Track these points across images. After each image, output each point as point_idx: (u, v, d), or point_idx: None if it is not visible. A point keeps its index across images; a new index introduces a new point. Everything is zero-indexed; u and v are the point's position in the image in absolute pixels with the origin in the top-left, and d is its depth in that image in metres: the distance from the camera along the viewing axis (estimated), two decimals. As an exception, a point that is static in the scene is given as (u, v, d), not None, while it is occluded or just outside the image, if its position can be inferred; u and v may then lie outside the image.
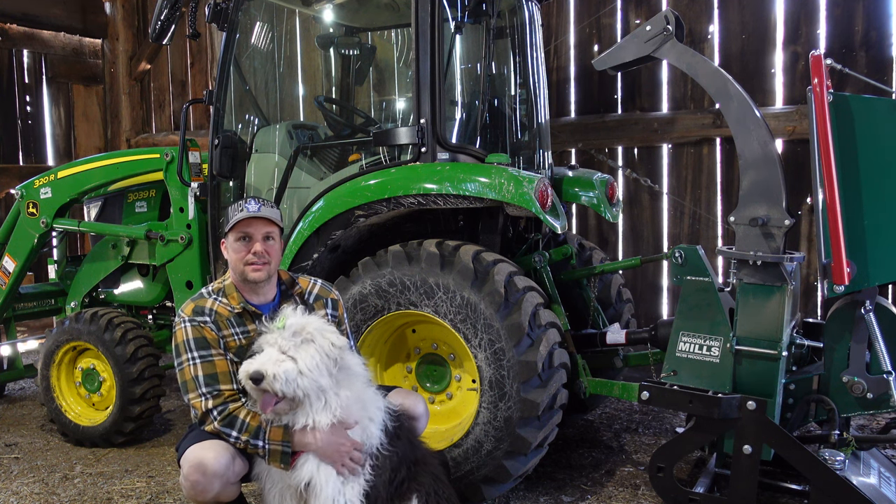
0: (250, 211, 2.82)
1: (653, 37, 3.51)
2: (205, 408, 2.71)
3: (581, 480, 3.92)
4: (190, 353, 2.77)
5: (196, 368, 2.74)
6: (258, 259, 2.82)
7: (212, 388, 2.73)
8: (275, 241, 2.89)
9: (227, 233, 2.88)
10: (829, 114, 3.03)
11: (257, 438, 2.65)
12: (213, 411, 2.70)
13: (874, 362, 3.22)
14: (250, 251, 2.82)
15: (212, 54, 8.07)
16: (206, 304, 2.86)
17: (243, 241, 2.84)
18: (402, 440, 2.80)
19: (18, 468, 4.23)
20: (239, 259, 2.84)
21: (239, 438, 2.67)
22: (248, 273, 2.83)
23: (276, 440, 2.63)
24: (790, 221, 3.19)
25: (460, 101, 4.21)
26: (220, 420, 2.69)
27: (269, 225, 2.87)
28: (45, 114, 8.23)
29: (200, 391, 2.72)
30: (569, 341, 3.78)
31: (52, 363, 4.56)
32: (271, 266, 2.87)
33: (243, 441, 2.66)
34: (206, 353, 2.77)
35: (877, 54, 5.36)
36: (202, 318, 2.81)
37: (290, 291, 3.01)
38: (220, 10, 4.16)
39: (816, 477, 3.05)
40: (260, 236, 2.84)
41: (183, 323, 2.82)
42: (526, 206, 3.45)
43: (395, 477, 2.75)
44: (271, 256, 2.86)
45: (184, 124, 4.26)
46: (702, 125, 5.91)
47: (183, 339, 2.79)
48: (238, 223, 2.84)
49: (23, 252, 5.01)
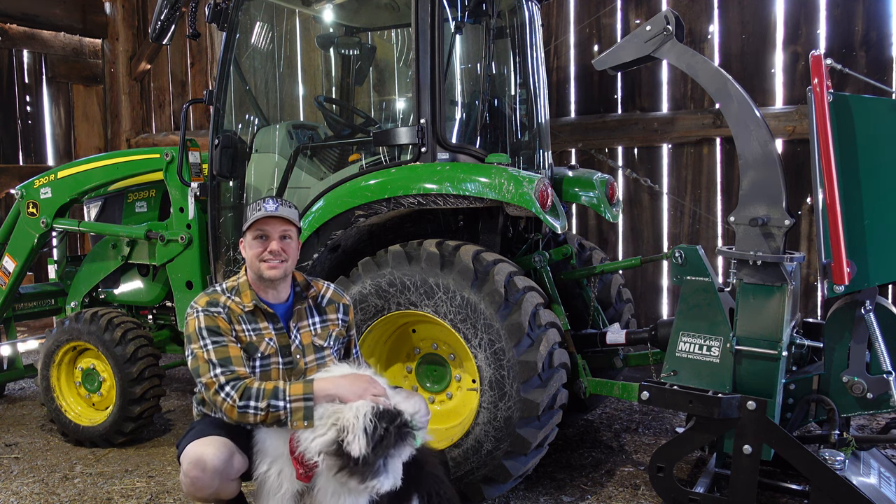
0: (268, 210, 2.87)
1: (653, 37, 3.51)
2: (218, 384, 2.68)
3: (581, 480, 3.93)
4: (202, 341, 2.77)
5: (209, 353, 2.74)
6: (274, 257, 2.86)
7: (225, 369, 2.71)
8: (292, 240, 2.94)
9: (245, 231, 2.92)
10: (829, 114, 3.04)
11: (277, 399, 2.62)
12: (226, 386, 2.67)
13: (874, 362, 3.22)
14: (267, 249, 2.86)
15: (212, 54, 8.07)
16: (220, 299, 2.90)
17: (260, 239, 2.89)
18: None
19: (18, 468, 4.23)
20: (255, 256, 2.88)
21: (258, 408, 2.63)
22: (264, 270, 2.87)
23: (297, 394, 2.63)
24: (790, 221, 3.19)
25: (460, 101, 4.21)
26: (237, 393, 2.66)
27: (287, 224, 2.91)
28: (45, 114, 8.23)
29: (213, 372, 2.71)
30: (569, 341, 3.79)
31: (52, 363, 4.56)
32: (287, 265, 2.91)
33: (263, 408, 2.63)
34: (220, 338, 2.78)
35: (877, 54, 5.36)
36: (216, 308, 2.85)
37: (304, 293, 3.04)
38: (220, 10, 4.17)
39: (816, 477, 3.05)
40: (277, 235, 2.89)
41: (196, 313, 2.84)
42: (526, 206, 3.45)
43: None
44: (288, 255, 2.90)
45: (184, 124, 4.26)
46: (702, 125, 5.91)
47: (195, 327, 2.80)
48: (256, 221, 2.88)
49: (23, 252, 5.01)
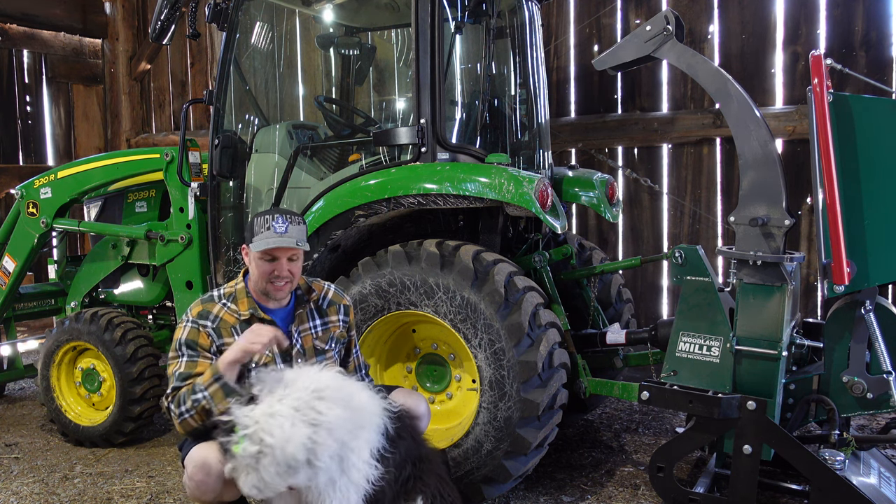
0: (278, 231, 2.83)
1: (653, 37, 3.51)
2: (165, 399, 2.83)
3: (581, 480, 3.93)
4: (180, 351, 2.87)
5: (180, 365, 2.85)
6: (283, 281, 2.88)
7: (182, 384, 2.81)
8: (299, 259, 2.94)
9: (251, 244, 2.89)
10: (829, 114, 3.04)
11: (196, 393, 2.70)
12: (170, 404, 2.79)
13: (874, 362, 3.22)
14: (274, 271, 2.86)
15: (212, 54, 8.07)
16: (214, 309, 2.92)
17: (269, 260, 2.86)
18: (404, 439, 2.80)
19: (18, 468, 4.23)
20: (262, 276, 2.88)
21: (188, 409, 2.72)
22: (272, 291, 2.91)
23: (208, 380, 2.70)
24: (790, 221, 3.19)
25: (460, 101, 4.21)
26: (175, 405, 2.76)
27: (296, 247, 2.89)
28: (45, 114, 8.23)
29: (172, 385, 2.83)
30: (569, 341, 3.78)
31: (52, 363, 4.56)
32: (293, 283, 2.94)
33: (191, 407, 2.70)
34: (194, 353, 2.86)
35: (877, 54, 5.36)
36: (204, 321, 2.89)
37: (306, 297, 3.05)
38: (220, 10, 4.16)
39: (816, 477, 3.05)
40: (286, 257, 2.87)
41: (186, 322, 2.91)
42: (526, 206, 3.45)
43: (401, 475, 2.74)
44: (294, 276, 2.92)
45: (184, 124, 4.26)
46: (702, 125, 5.90)
47: (179, 336, 2.89)
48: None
49: (23, 252, 5.01)
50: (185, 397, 2.72)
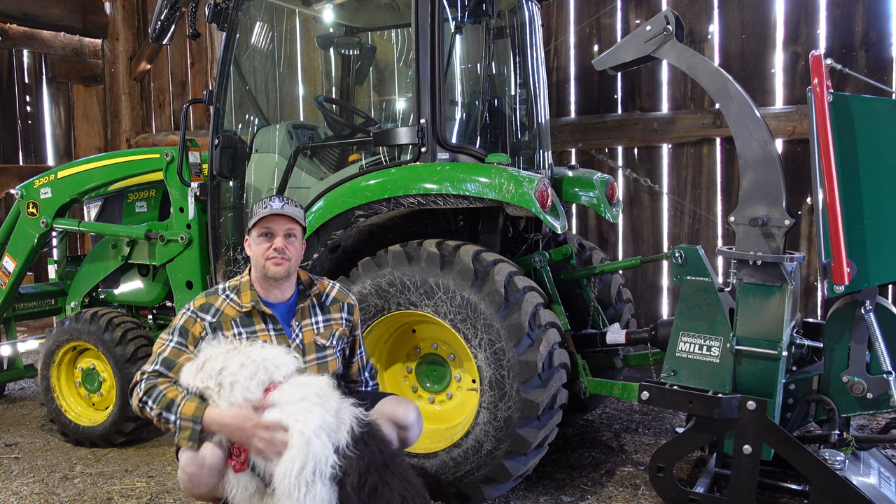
0: (274, 208, 2.90)
1: (653, 37, 3.51)
2: (142, 375, 2.81)
3: (581, 480, 3.93)
4: (171, 335, 2.90)
5: (165, 349, 2.86)
6: (279, 254, 2.89)
7: (161, 368, 2.83)
8: (296, 239, 2.97)
9: (251, 229, 2.95)
10: (829, 114, 3.04)
11: (169, 412, 2.71)
12: (142, 382, 2.79)
13: (874, 362, 3.22)
14: (272, 246, 2.89)
15: (212, 54, 8.07)
16: (216, 303, 2.96)
17: (265, 237, 2.92)
18: (370, 447, 2.73)
19: (18, 468, 4.23)
20: (260, 254, 2.91)
21: (153, 409, 2.73)
22: (269, 267, 2.91)
23: (187, 415, 2.68)
24: (790, 221, 3.19)
25: (460, 101, 4.21)
26: (144, 388, 2.76)
27: (291, 222, 2.94)
28: (45, 114, 8.23)
29: (151, 366, 2.83)
30: (569, 341, 3.78)
31: (52, 363, 4.56)
32: (291, 263, 2.94)
33: (157, 413, 2.72)
34: (183, 342, 2.88)
35: (877, 54, 5.36)
36: (203, 314, 2.93)
37: (308, 292, 3.07)
38: (220, 10, 4.17)
39: (816, 477, 3.05)
40: (282, 233, 2.92)
41: (186, 311, 2.96)
42: (526, 206, 3.45)
43: (366, 482, 2.67)
44: (291, 254, 2.93)
45: (184, 124, 4.26)
46: (702, 125, 5.91)
47: (176, 323, 2.93)
48: (261, 219, 2.91)
49: (23, 252, 5.01)
50: (159, 399, 2.72)
